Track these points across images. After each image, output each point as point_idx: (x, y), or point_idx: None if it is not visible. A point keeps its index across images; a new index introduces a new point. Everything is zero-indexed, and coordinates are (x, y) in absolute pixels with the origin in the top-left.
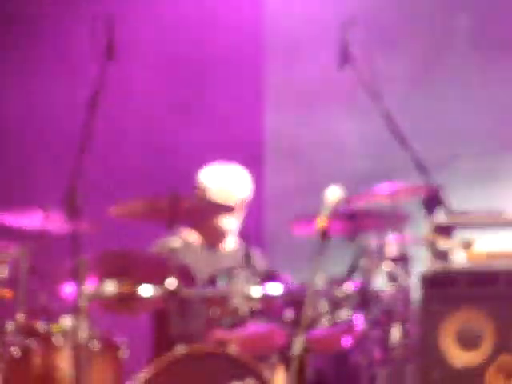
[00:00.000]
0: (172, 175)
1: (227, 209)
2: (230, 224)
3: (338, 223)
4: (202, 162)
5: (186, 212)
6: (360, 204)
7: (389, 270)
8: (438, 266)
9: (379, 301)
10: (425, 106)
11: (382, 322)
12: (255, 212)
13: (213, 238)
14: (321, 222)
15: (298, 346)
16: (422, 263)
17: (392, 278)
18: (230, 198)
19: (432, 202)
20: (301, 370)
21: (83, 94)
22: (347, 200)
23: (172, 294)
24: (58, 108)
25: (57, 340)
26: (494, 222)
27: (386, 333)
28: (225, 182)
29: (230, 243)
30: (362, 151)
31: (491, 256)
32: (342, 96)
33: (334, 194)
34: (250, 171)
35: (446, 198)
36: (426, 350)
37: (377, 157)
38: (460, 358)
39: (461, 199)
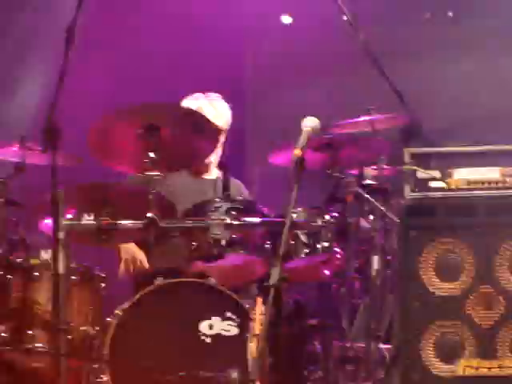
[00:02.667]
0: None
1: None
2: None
3: (315, 154)
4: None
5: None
6: (338, 134)
7: (368, 199)
8: (417, 195)
9: (358, 231)
10: None
11: (361, 253)
12: (236, 142)
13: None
14: (297, 151)
15: (275, 276)
16: (401, 193)
17: (371, 207)
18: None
19: (410, 131)
20: (278, 301)
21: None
22: (325, 130)
23: (151, 226)
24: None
25: (35, 273)
26: (471, 150)
27: (366, 263)
28: (205, 111)
29: (212, 173)
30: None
31: (470, 185)
32: None
33: (310, 123)
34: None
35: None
36: (405, 280)
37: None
38: (440, 287)
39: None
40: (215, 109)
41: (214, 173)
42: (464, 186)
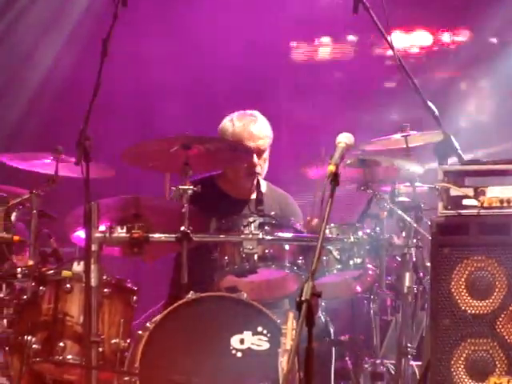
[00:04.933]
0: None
1: (247, 150)
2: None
3: (349, 170)
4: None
5: (200, 155)
6: (372, 151)
7: (401, 217)
8: (450, 213)
9: (391, 247)
10: None
11: (393, 269)
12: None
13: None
14: (331, 167)
15: (308, 291)
16: (434, 210)
17: (404, 224)
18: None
19: (445, 149)
20: (309, 316)
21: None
22: (359, 146)
23: (184, 240)
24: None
25: (67, 285)
26: (505, 169)
27: (398, 280)
28: (247, 127)
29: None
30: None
31: (503, 203)
32: None
33: (345, 139)
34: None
35: (459, 145)
36: (437, 296)
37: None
38: (471, 305)
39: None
40: (259, 129)
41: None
42: (497, 204)
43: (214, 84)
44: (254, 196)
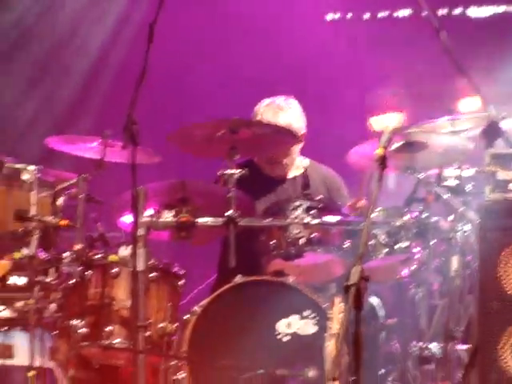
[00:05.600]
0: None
1: (292, 135)
2: (293, 153)
3: (397, 153)
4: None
5: (247, 139)
6: (420, 134)
7: (448, 200)
8: (497, 196)
9: (438, 231)
10: None
11: (440, 253)
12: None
13: (276, 166)
14: (379, 150)
15: (356, 275)
16: (482, 194)
17: (451, 208)
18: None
19: (492, 132)
20: (358, 300)
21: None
22: (407, 129)
23: (230, 224)
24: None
25: (114, 269)
26: None
27: (445, 263)
28: (275, 117)
29: (291, 173)
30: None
31: None
32: None
33: (392, 123)
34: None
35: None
36: (485, 280)
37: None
38: None
39: None
40: (293, 113)
41: (293, 172)
42: None
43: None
44: (291, 175)
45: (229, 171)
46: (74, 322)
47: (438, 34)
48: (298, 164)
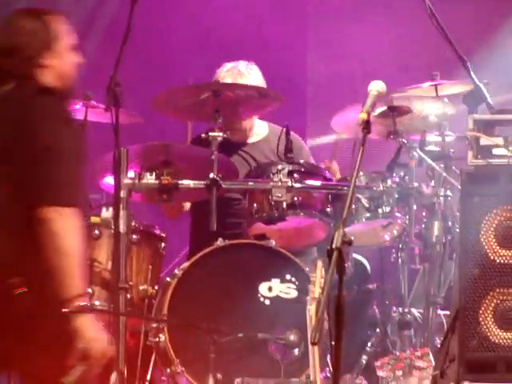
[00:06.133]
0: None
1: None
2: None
3: (379, 118)
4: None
5: (230, 102)
6: (403, 99)
7: (430, 166)
8: (480, 162)
9: (420, 197)
10: None
11: (422, 218)
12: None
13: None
14: (363, 115)
15: (337, 239)
16: (464, 159)
17: (433, 174)
18: None
19: (474, 98)
20: (340, 264)
21: None
22: (390, 94)
23: (213, 187)
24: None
25: (96, 231)
26: None
27: (427, 229)
28: (245, 78)
29: (259, 133)
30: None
31: None
32: None
33: (377, 87)
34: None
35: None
36: (466, 246)
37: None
38: (500, 254)
39: None
40: (253, 78)
41: (254, 138)
42: None
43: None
44: (252, 140)
45: (212, 134)
46: None
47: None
48: (257, 129)
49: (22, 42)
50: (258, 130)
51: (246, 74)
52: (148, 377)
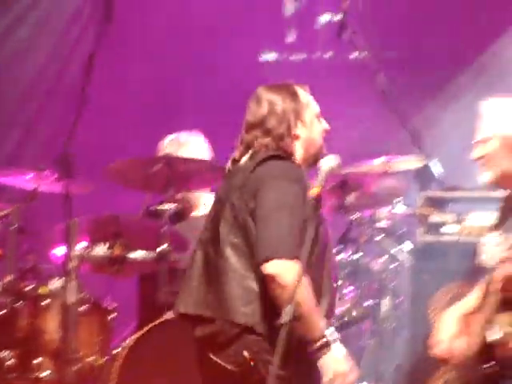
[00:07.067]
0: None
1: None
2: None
3: (330, 194)
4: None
5: (182, 175)
6: (354, 175)
7: (380, 241)
8: (430, 238)
9: (370, 272)
10: None
11: (372, 293)
12: None
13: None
14: (315, 189)
15: (287, 314)
16: (414, 236)
17: (384, 249)
18: None
19: (425, 175)
20: (289, 339)
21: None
22: (342, 170)
23: (163, 259)
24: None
25: (45, 301)
26: (485, 196)
27: (376, 304)
28: (185, 147)
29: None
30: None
31: (483, 229)
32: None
33: (330, 162)
34: None
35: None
36: (416, 322)
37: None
38: None
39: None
40: (193, 148)
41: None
42: (477, 231)
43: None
44: (201, 212)
45: (163, 206)
46: (3, 353)
47: (376, 77)
48: (208, 201)
49: (273, 114)
50: (209, 203)
51: (186, 143)
52: None
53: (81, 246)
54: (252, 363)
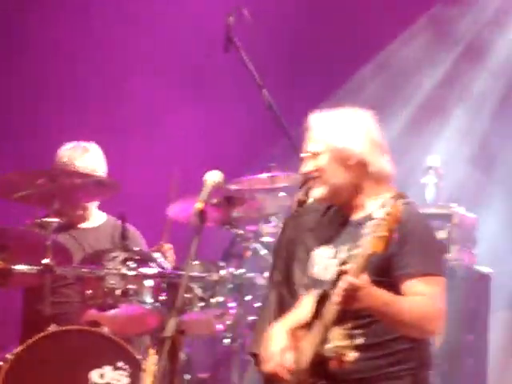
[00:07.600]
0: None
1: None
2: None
3: (214, 208)
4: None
5: (66, 188)
6: (239, 190)
7: (265, 256)
8: None
9: (254, 287)
10: None
11: (255, 309)
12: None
13: (77, 215)
14: (198, 204)
15: (170, 328)
16: None
17: (268, 264)
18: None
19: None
20: (173, 353)
21: None
22: (226, 185)
23: (46, 272)
24: None
25: None
26: None
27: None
28: (73, 161)
29: (96, 220)
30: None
31: None
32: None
33: (213, 177)
34: None
35: None
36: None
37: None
38: None
39: None
40: (90, 157)
41: (94, 221)
42: None
43: None
44: (88, 225)
45: (47, 219)
46: None
47: (261, 91)
48: (95, 215)
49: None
50: (96, 216)
51: (83, 152)
52: None
53: None
54: None
